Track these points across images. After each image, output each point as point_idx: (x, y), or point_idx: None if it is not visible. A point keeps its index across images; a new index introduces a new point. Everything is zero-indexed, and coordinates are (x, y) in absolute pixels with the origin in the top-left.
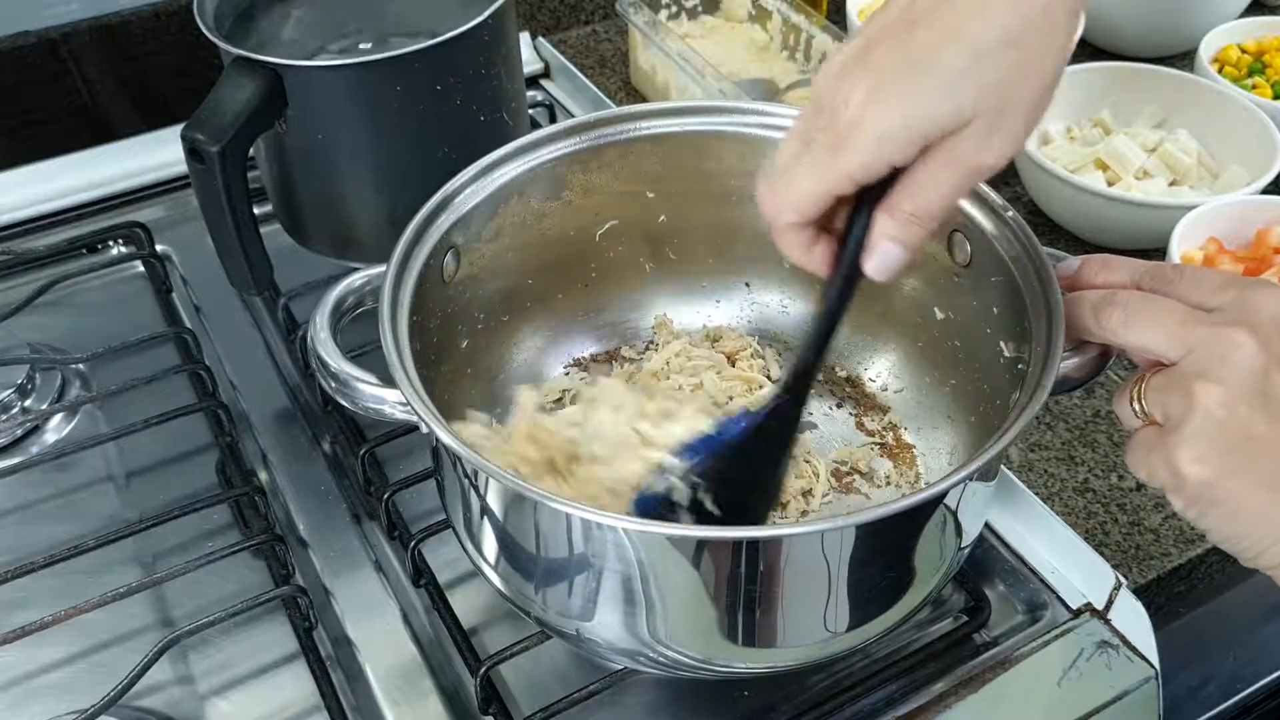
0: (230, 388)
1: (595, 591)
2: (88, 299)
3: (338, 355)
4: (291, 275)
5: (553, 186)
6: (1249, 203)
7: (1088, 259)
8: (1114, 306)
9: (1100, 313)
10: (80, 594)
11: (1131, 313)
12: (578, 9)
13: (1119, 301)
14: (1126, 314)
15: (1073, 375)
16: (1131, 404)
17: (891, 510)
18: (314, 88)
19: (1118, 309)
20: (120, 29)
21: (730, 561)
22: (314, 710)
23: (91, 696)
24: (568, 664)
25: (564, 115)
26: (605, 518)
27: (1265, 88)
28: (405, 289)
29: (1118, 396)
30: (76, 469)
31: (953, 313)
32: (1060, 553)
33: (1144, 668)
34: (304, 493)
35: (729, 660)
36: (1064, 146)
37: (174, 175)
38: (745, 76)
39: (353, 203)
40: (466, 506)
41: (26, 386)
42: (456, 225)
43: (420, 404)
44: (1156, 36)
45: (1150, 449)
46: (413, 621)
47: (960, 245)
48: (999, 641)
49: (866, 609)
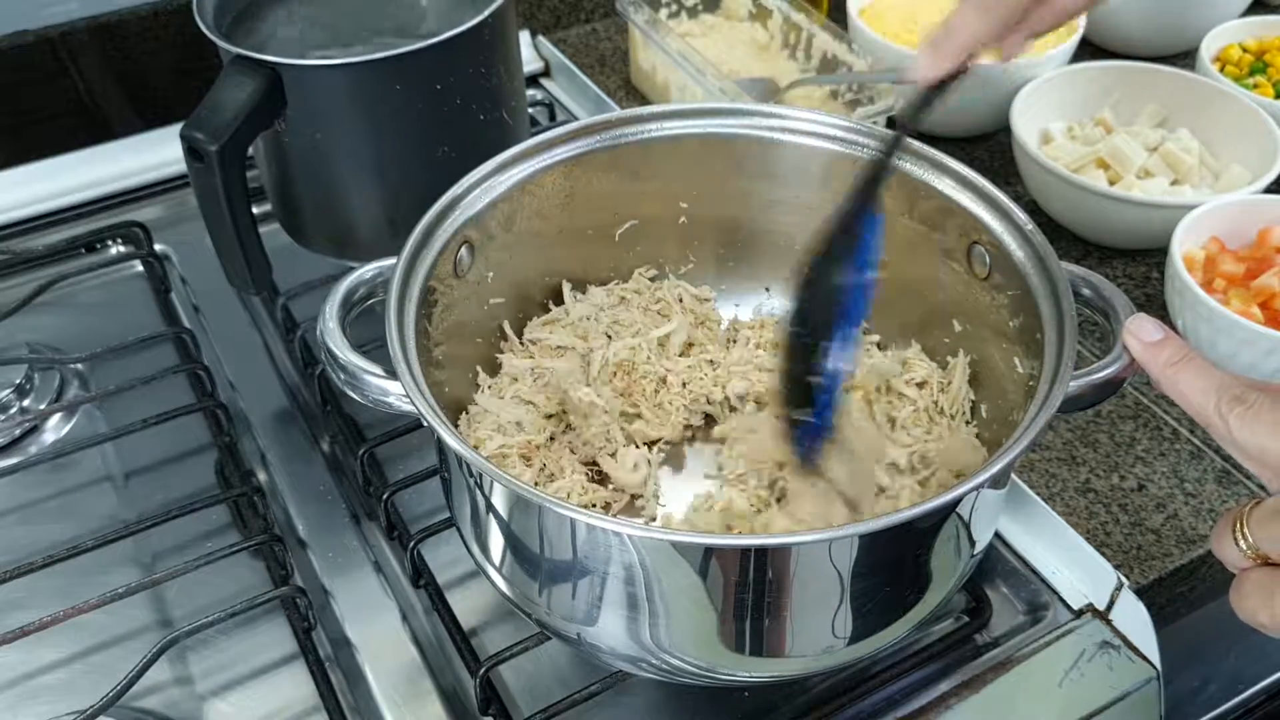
0: (229, 388)
1: (598, 597)
2: (86, 299)
3: (346, 346)
4: (290, 275)
5: (571, 185)
6: (1250, 202)
7: (1170, 339)
8: (1241, 403)
9: (1224, 399)
10: (79, 594)
11: (1260, 411)
12: (578, 8)
13: (1248, 399)
14: (1256, 411)
15: (1085, 394)
16: (1235, 538)
17: (902, 518)
18: (313, 87)
19: (1243, 405)
20: (119, 28)
21: (737, 569)
22: (313, 711)
23: (90, 697)
24: (568, 665)
25: (564, 114)
26: (608, 523)
27: (1267, 87)
28: (415, 282)
29: (1217, 534)
30: (75, 469)
31: (970, 326)
32: (1062, 553)
33: (1145, 668)
34: (303, 493)
35: (733, 669)
36: (1065, 145)
37: (173, 174)
38: (745, 75)
39: (352, 202)
40: (471, 505)
41: (25, 386)
42: (471, 220)
43: (420, 398)
44: (1158, 35)
45: (1270, 594)
46: (412, 622)
47: (979, 258)
48: (1000, 642)
49: (876, 618)
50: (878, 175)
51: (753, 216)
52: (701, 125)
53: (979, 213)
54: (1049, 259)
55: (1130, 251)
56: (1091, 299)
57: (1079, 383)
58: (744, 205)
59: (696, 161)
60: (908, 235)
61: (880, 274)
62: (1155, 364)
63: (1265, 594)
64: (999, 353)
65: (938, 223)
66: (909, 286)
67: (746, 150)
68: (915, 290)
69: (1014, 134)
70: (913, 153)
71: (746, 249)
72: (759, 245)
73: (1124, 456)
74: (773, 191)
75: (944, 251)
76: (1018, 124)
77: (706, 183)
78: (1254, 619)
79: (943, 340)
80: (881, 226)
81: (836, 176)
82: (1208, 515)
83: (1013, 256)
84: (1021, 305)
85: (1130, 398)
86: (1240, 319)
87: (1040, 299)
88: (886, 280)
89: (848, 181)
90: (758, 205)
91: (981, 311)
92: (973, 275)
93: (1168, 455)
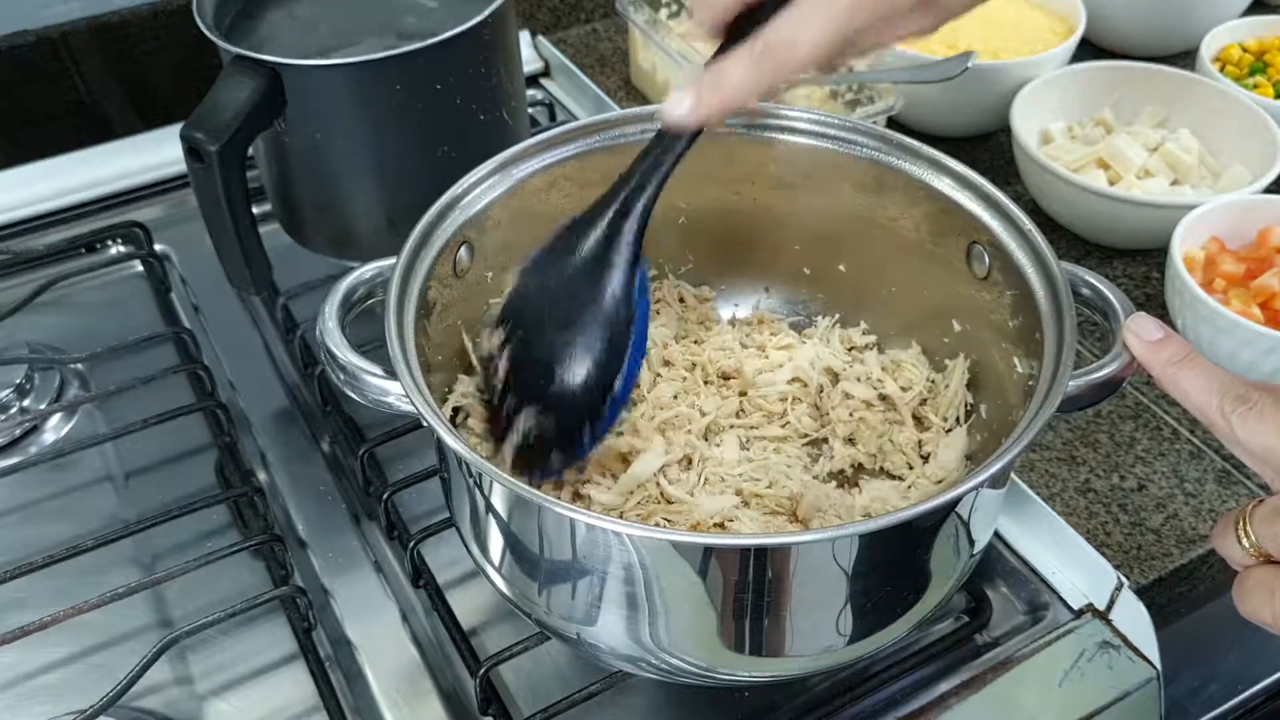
0: (229, 387)
1: (598, 596)
2: (86, 298)
3: (346, 346)
4: (290, 275)
5: (572, 184)
6: (1250, 202)
7: (1171, 338)
8: (1244, 403)
9: (1227, 398)
10: (79, 594)
11: (1264, 410)
12: (578, 8)
13: (1251, 399)
14: (1259, 411)
15: (1084, 394)
16: (1238, 536)
17: (904, 517)
18: (313, 87)
19: (1246, 405)
20: (119, 28)
21: (737, 568)
22: (313, 711)
23: (90, 697)
24: (567, 665)
25: (564, 114)
26: (608, 523)
27: (1267, 87)
28: (414, 281)
29: (1219, 531)
30: (75, 469)
31: (970, 325)
32: (1062, 553)
33: (1145, 668)
34: (303, 493)
35: (733, 669)
36: (1065, 145)
37: (173, 174)
38: None
39: (352, 202)
40: (470, 505)
41: (25, 386)
42: (471, 220)
43: (420, 398)
44: (1158, 35)
45: (1272, 592)
46: (412, 622)
47: (979, 257)
48: (1000, 642)
49: (875, 618)
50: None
51: (752, 216)
52: None
53: (979, 213)
54: (1049, 259)
55: (1130, 251)
56: (1091, 299)
57: (1078, 382)
58: (743, 205)
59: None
60: (907, 235)
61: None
62: (1156, 363)
63: (1267, 592)
64: (998, 352)
65: (938, 223)
66: (909, 286)
67: (745, 150)
68: (915, 290)
69: (1014, 134)
70: (912, 153)
71: (745, 248)
72: (758, 245)
73: (1124, 456)
74: (772, 191)
75: (944, 251)
76: (1018, 124)
77: (705, 182)
78: (1256, 616)
79: (942, 340)
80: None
81: (836, 176)
82: (1208, 515)
83: (1012, 256)
84: (1021, 305)
85: (1130, 398)
86: (1240, 319)
87: (1040, 299)
88: (886, 280)
89: (848, 180)
90: (757, 205)
91: (981, 311)
92: (972, 275)
93: (1168, 455)
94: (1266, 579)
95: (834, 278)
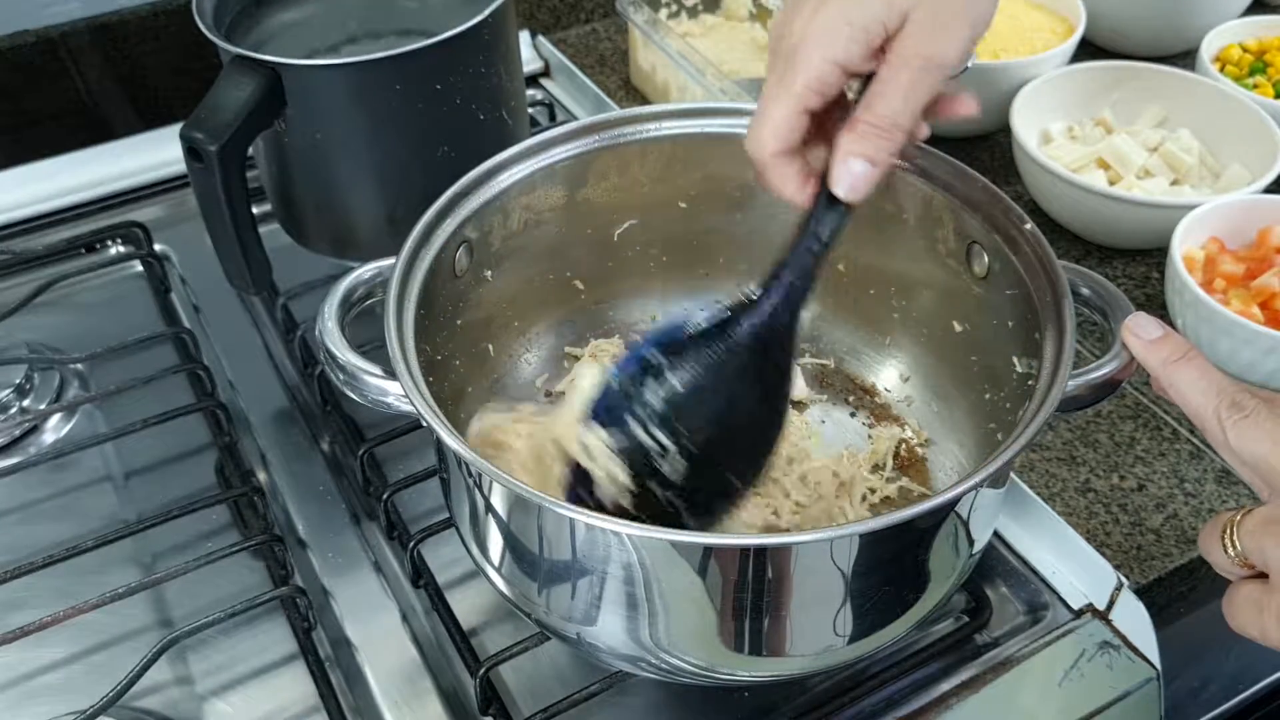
0: (229, 388)
1: (598, 596)
2: (86, 299)
3: (345, 346)
4: (290, 275)
5: (570, 184)
6: (1250, 202)
7: (1170, 336)
8: (1239, 410)
9: (1223, 404)
10: (79, 594)
11: (1259, 418)
12: (577, 8)
13: (1246, 406)
14: (1254, 419)
15: (1084, 394)
16: (1224, 544)
17: (903, 517)
18: (313, 87)
19: (1241, 412)
20: (119, 28)
21: (737, 568)
22: (313, 711)
23: (90, 697)
24: (567, 665)
25: (564, 114)
26: (608, 522)
27: (1267, 87)
28: (414, 282)
29: (1205, 536)
30: (75, 469)
31: (969, 325)
32: (1061, 553)
33: (1145, 668)
34: (303, 493)
35: (732, 668)
36: (1065, 146)
37: (173, 175)
38: (745, 75)
39: (352, 202)
40: (470, 505)
41: (25, 386)
42: (470, 220)
43: (419, 398)
44: (1158, 35)
45: (1261, 608)
46: (412, 622)
47: (978, 257)
48: (1000, 642)
49: (875, 617)
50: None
51: (752, 216)
52: (701, 125)
53: (979, 213)
54: (1048, 259)
55: (1130, 251)
56: (1091, 299)
57: (1078, 382)
58: (743, 205)
59: (696, 161)
60: (907, 235)
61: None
62: (1155, 361)
63: (1255, 609)
64: (998, 352)
65: (937, 223)
66: (909, 286)
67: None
68: (915, 290)
69: (1014, 134)
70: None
71: (745, 249)
72: (759, 245)
73: (1124, 456)
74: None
75: (943, 251)
76: (1018, 124)
77: (706, 182)
78: (1245, 631)
79: (942, 340)
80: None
81: None
82: (1208, 515)
83: (1012, 256)
84: (1021, 305)
85: (1130, 398)
86: (1240, 319)
87: (1039, 299)
88: (886, 280)
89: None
90: (757, 205)
91: (981, 311)
92: (972, 275)
93: (1168, 455)
94: (1255, 594)
95: (834, 277)
